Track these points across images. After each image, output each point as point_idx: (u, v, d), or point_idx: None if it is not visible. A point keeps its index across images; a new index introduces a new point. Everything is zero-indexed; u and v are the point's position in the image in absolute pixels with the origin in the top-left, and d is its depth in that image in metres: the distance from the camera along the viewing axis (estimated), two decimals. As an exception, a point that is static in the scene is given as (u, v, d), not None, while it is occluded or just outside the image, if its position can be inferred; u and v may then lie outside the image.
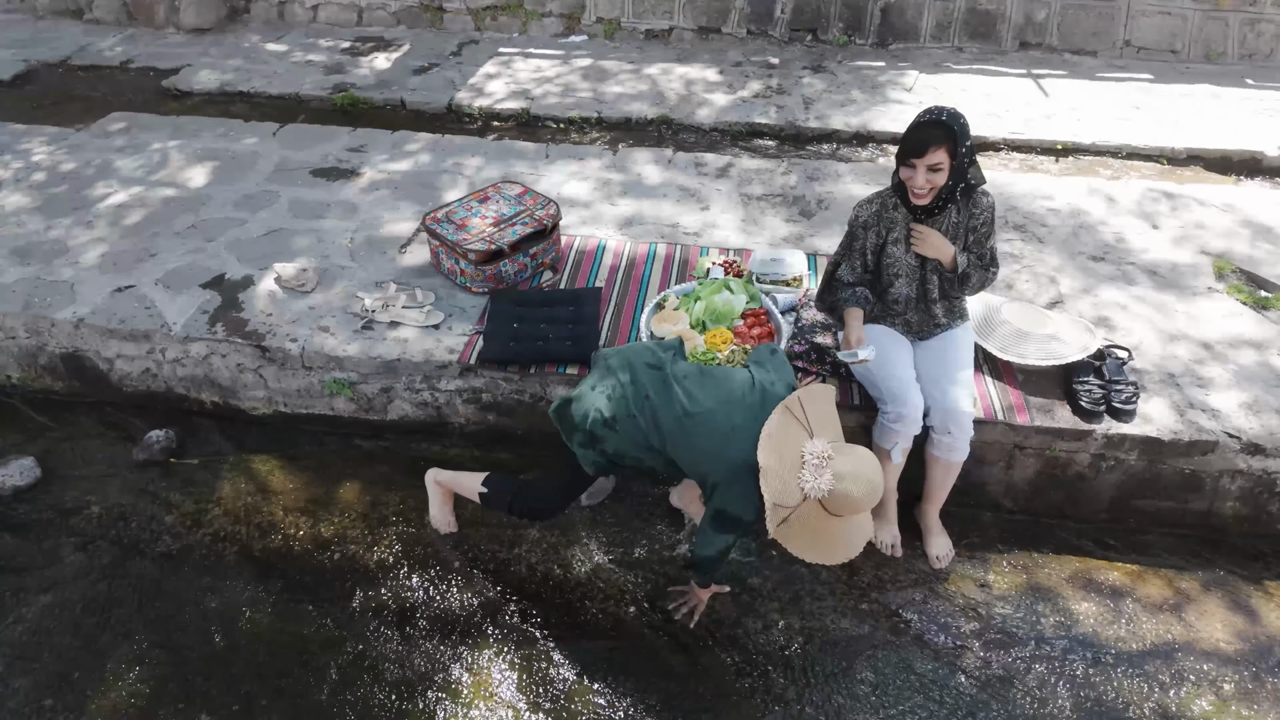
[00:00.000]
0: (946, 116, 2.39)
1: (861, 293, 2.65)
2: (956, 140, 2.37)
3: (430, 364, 3.01)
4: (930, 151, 2.38)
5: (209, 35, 6.12)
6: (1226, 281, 3.40)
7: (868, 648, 2.54)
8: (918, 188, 2.44)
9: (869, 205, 2.63)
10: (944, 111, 2.40)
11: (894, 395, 2.59)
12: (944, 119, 2.38)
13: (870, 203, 2.63)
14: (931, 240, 2.54)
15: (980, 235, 2.58)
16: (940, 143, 2.37)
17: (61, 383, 3.39)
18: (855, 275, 2.67)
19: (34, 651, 2.53)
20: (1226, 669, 2.48)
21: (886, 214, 2.60)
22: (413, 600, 2.67)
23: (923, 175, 2.41)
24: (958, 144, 2.38)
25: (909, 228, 2.57)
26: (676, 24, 5.97)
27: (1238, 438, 2.69)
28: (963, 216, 2.56)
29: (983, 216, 2.55)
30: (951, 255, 2.54)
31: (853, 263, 2.68)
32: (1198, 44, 5.63)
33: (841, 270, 2.69)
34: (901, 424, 2.59)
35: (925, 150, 2.38)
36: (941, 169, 2.40)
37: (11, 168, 4.23)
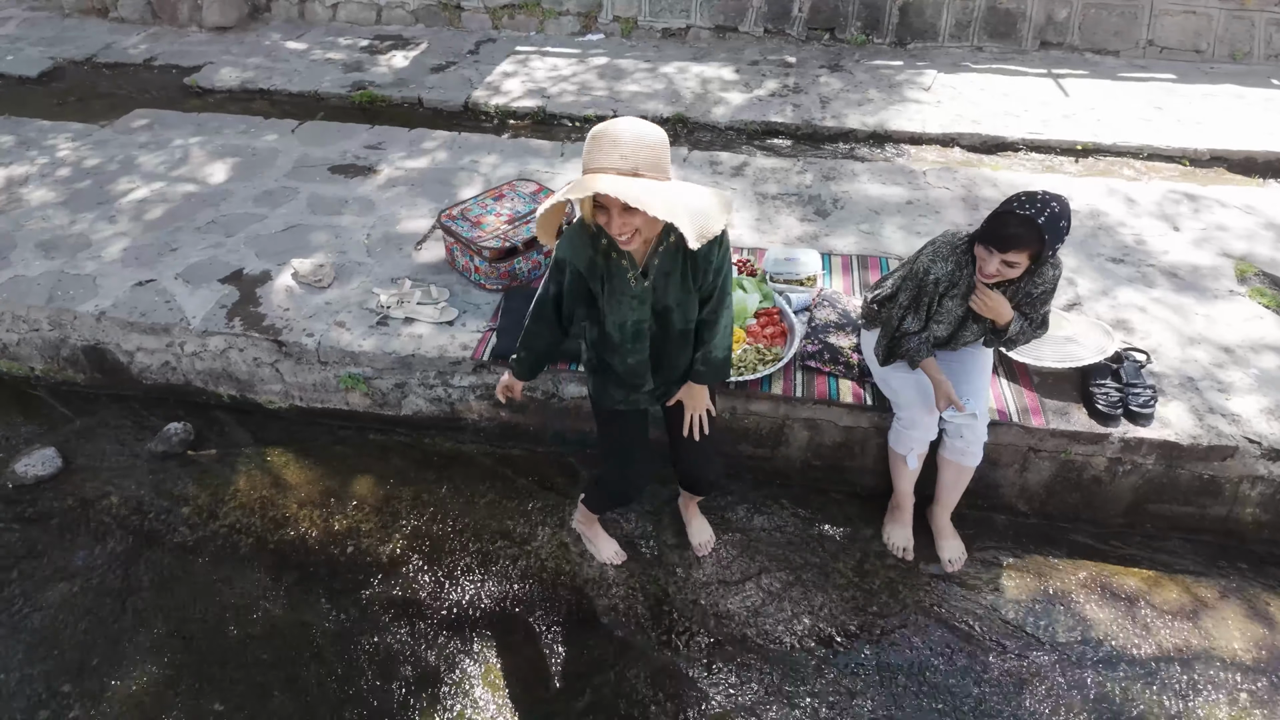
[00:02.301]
0: (1045, 219, 2.17)
1: (927, 337, 2.51)
2: (1043, 247, 2.20)
3: (444, 360, 3.03)
4: (1012, 251, 2.22)
5: (231, 34, 6.19)
6: (1248, 284, 3.35)
7: (878, 650, 2.53)
8: (988, 275, 2.30)
9: (944, 263, 2.42)
10: (1046, 210, 2.18)
11: (909, 402, 2.58)
12: (1041, 222, 2.17)
13: (945, 260, 2.42)
14: (994, 305, 2.39)
15: (1037, 300, 2.43)
16: (1026, 246, 2.21)
17: (83, 374, 3.45)
18: (920, 325, 2.51)
19: (52, 638, 2.58)
20: (1244, 677, 2.45)
21: (959, 272, 2.41)
22: (424, 594, 2.69)
23: (995, 264, 2.26)
24: (1044, 249, 2.21)
25: (973, 286, 2.42)
26: (693, 23, 5.97)
27: (1258, 443, 2.65)
28: (1026, 283, 2.39)
29: (1044, 285, 2.39)
30: (1008, 319, 2.42)
31: (919, 315, 2.49)
32: (1223, 44, 5.54)
33: (908, 323, 2.51)
34: (915, 430, 2.57)
35: (1008, 248, 2.22)
36: (1017, 267, 2.25)
37: (38, 163, 4.30)
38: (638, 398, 2.29)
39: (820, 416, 2.86)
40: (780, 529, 2.87)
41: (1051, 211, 2.19)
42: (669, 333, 2.17)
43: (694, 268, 2.06)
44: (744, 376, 2.79)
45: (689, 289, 2.09)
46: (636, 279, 2.07)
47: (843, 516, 2.91)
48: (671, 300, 2.10)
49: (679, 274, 2.06)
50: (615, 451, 2.42)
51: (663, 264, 2.05)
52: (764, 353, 2.89)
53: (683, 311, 2.13)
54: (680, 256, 2.05)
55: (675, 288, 2.08)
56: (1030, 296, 2.42)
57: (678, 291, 2.09)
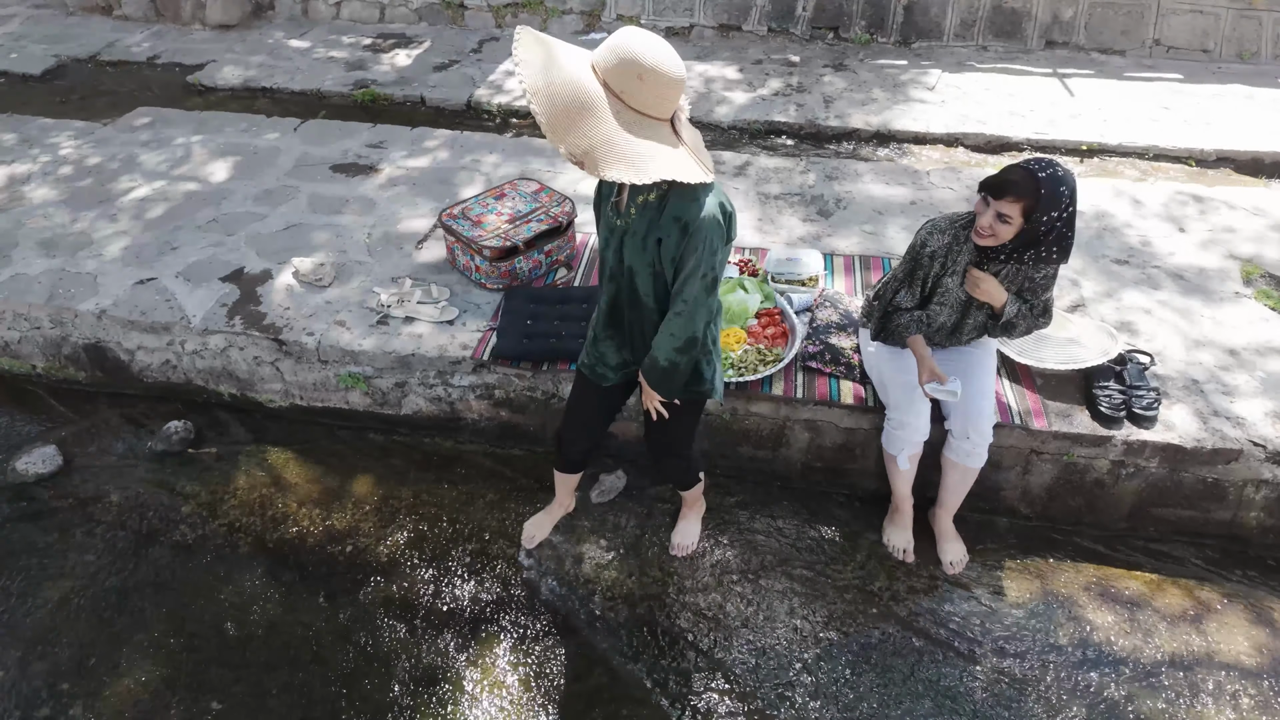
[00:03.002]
0: (1045, 174, 2.15)
1: (920, 315, 2.50)
2: (1038, 203, 2.15)
3: (444, 360, 3.02)
4: (1004, 199, 2.19)
5: (234, 32, 6.19)
6: (1255, 286, 3.33)
7: (879, 653, 2.51)
8: (981, 227, 2.27)
9: (941, 235, 2.41)
10: (1050, 169, 2.16)
11: (898, 402, 2.56)
12: (1040, 175, 2.14)
13: (944, 232, 2.41)
14: (985, 286, 2.39)
15: (1037, 287, 2.41)
16: (1018, 196, 2.16)
17: (84, 373, 3.45)
18: (915, 301, 2.50)
19: (52, 637, 2.58)
20: (1247, 682, 2.43)
21: (956, 246, 2.41)
22: (423, 594, 2.69)
23: (989, 217, 2.24)
24: (1038, 207, 2.16)
25: (968, 267, 2.42)
26: (697, 21, 5.95)
27: (1263, 446, 2.63)
28: (1026, 268, 2.38)
29: (1043, 275, 2.38)
30: (1003, 302, 2.40)
31: (914, 290, 2.49)
32: (1230, 43, 5.50)
33: (902, 297, 2.50)
34: (905, 431, 2.56)
35: (1001, 193, 2.19)
36: (1010, 223, 2.21)
37: (40, 161, 4.30)
38: (604, 371, 2.26)
39: (821, 418, 2.84)
40: (781, 531, 2.86)
41: (1054, 173, 2.16)
42: (635, 299, 2.08)
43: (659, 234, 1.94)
44: (745, 377, 2.78)
45: (648, 257, 1.98)
46: (614, 208, 2.04)
47: (843, 519, 2.89)
48: (630, 257, 2.02)
49: (643, 233, 1.96)
50: (566, 409, 2.51)
51: (638, 211, 1.97)
52: (765, 353, 2.88)
53: (645, 280, 2.02)
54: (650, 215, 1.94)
55: (636, 246, 1.99)
56: (1032, 281, 2.40)
57: (638, 251, 1.99)
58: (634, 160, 1.72)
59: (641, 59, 1.71)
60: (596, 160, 1.72)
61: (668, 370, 2.08)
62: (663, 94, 1.75)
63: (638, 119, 1.76)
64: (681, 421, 2.32)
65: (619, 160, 1.72)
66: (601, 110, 1.73)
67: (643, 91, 1.74)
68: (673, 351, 2.04)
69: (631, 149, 1.73)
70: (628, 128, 1.74)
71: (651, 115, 1.77)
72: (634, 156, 1.73)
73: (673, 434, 2.36)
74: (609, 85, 1.75)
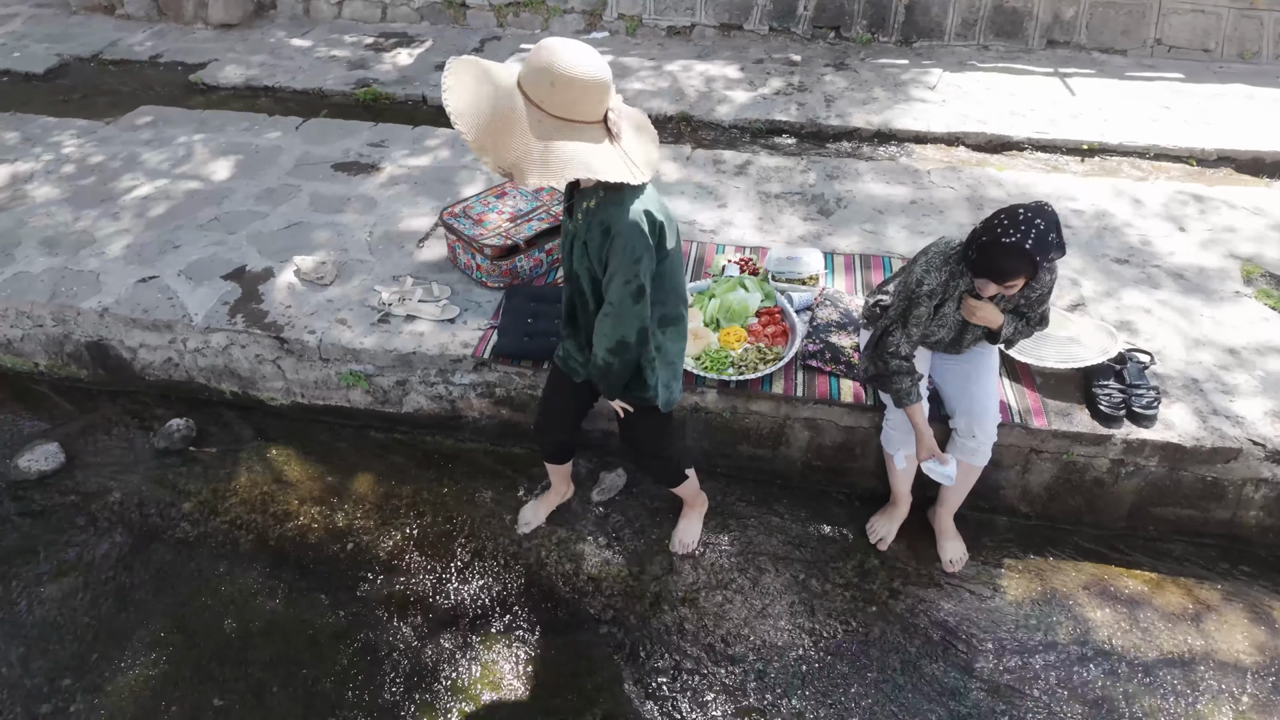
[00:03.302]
0: (1033, 242, 2.10)
1: (920, 378, 2.45)
2: (1037, 269, 2.17)
3: (445, 358, 3.03)
4: (1008, 281, 2.20)
5: (236, 31, 6.20)
6: (1255, 286, 3.33)
7: (879, 651, 2.52)
8: (986, 294, 2.29)
9: (937, 274, 2.37)
10: (1032, 231, 2.11)
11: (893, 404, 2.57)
12: (1029, 246, 2.10)
13: (939, 270, 2.38)
14: (982, 313, 2.38)
15: (1035, 302, 2.41)
16: (1021, 274, 2.18)
17: (86, 371, 3.46)
18: (911, 346, 2.44)
19: (53, 633, 2.59)
20: (1246, 681, 2.43)
21: (953, 281, 2.39)
22: (423, 592, 2.69)
23: (993, 289, 2.25)
24: (1038, 271, 2.19)
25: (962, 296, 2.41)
26: (698, 21, 5.95)
27: (1262, 445, 2.63)
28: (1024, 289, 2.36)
29: (1040, 290, 2.37)
30: (999, 324, 2.40)
31: (909, 332, 2.42)
32: (1231, 43, 5.50)
33: (898, 341, 2.42)
34: (902, 432, 2.56)
35: (1004, 279, 2.19)
36: (1014, 287, 2.23)
37: (42, 160, 4.31)
38: (574, 365, 2.29)
39: (821, 417, 2.85)
40: (780, 530, 2.87)
41: (1038, 230, 2.12)
42: (584, 301, 2.12)
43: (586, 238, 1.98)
44: (745, 376, 2.79)
45: (586, 262, 2.02)
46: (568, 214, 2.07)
47: (843, 518, 2.90)
48: (576, 261, 2.05)
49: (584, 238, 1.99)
50: (540, 400, 2.58)
51: (583, 217, 2.00)
52: (765, 352, 2.88)
53: (587, 284, 2.06)
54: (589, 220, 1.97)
55: (580, 251, 2.02)
56: (1028, 300, 2.40)
57: (581, 256, 2.03)
58: (552, 164, 1.77)
59: (551, 66, 1.75)
60: (521, 170, 1.77)
61: (603, 369, 2.11)
62: (577, 98, 1.78)
63: (559, 124, 1.79)
64: (640, 424, 2.34)
65: (539, 166, 1.76)
66: (521, 121, 1.78)
67: (557, 97, 1.77)
68: (605, 351, 2.07)
69: (551, 154, 1.77)
70: (548, 135, 1.78)
71: (575, 120, 1.80)
72: (553, 161, 1.77)
73: (638, 434, 2.40)
74: (529, 96, 1.79)
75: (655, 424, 2.38)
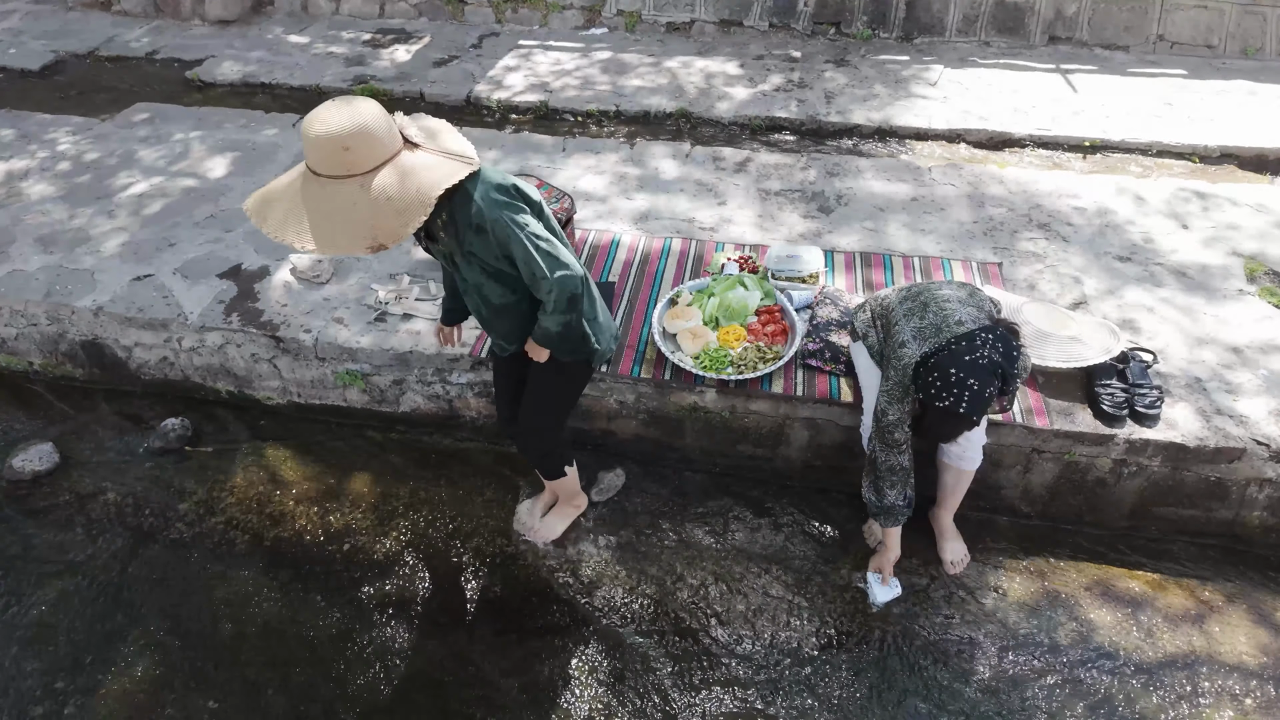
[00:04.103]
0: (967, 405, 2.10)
1: (910, 498, 2.43)
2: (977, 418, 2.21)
3: (442, 357, 3.00)
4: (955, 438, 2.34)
5: (233, 27, 6.17)
6: (1258, 284, 3.30)
7: (878, 651, 2.50)
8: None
9: (899, 405, 2.33)
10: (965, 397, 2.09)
11: (869, 408, 2.54)
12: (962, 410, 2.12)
13: (901, 402, 2.32)
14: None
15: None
16: (965, 430, 2.28)
17: (81, 370, 3.44)
18: (906, 434, 2.34)
19: (47, 634, 2.57)
20: (1249, 683, 2.41)
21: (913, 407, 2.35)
22: (420, 592, 2.68)
23: None
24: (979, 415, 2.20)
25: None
26: (698, 17, 5.91)
27: (1266, 445, 2.61)
28: None
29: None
30: None
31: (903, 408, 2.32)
32: (1235, 39, 5.46)
33: (894, 423, 2.31)
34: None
35: (950, 440, 2.36)
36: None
37: (38, 157, 4.29)
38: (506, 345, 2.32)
39: (821, 416, 2.82)
40: (780, 529, 2.85)
41: (971, 391, 2.09)
42: (496, 307, 2.15)
43: (468, 246, 1.99)
44: (744, 375, 2.76)
45: (476, 268, 2.03)
46: (427, 237, 2.08)
47: (843, 517, 2.88)
48: (468, 274, 2.07)
49: (461, 250, 2.00)
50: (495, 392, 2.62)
51: (445, 234, 2.01)
52: (764, 351, 2.86)
53: (493, 288, 2.08)
54: (452, 233, 1.99)
55: (465, 264, 2.04)
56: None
57: (469, 267, 2.04)
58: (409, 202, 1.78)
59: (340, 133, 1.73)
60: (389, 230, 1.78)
61: (562, 334, 2.12)
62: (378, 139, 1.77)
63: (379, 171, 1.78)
64: (555, 380, 2.34)
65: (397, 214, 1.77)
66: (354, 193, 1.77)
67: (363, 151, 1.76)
68: (558, 318, 2.07)
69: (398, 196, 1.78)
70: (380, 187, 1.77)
71: (385, 158, 1.79)
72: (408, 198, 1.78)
73: (543, 392, 2.37)
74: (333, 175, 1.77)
75: (566, 384, 2.39)
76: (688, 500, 2.94)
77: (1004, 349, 2.13)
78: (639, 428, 3.00)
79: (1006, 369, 2.13)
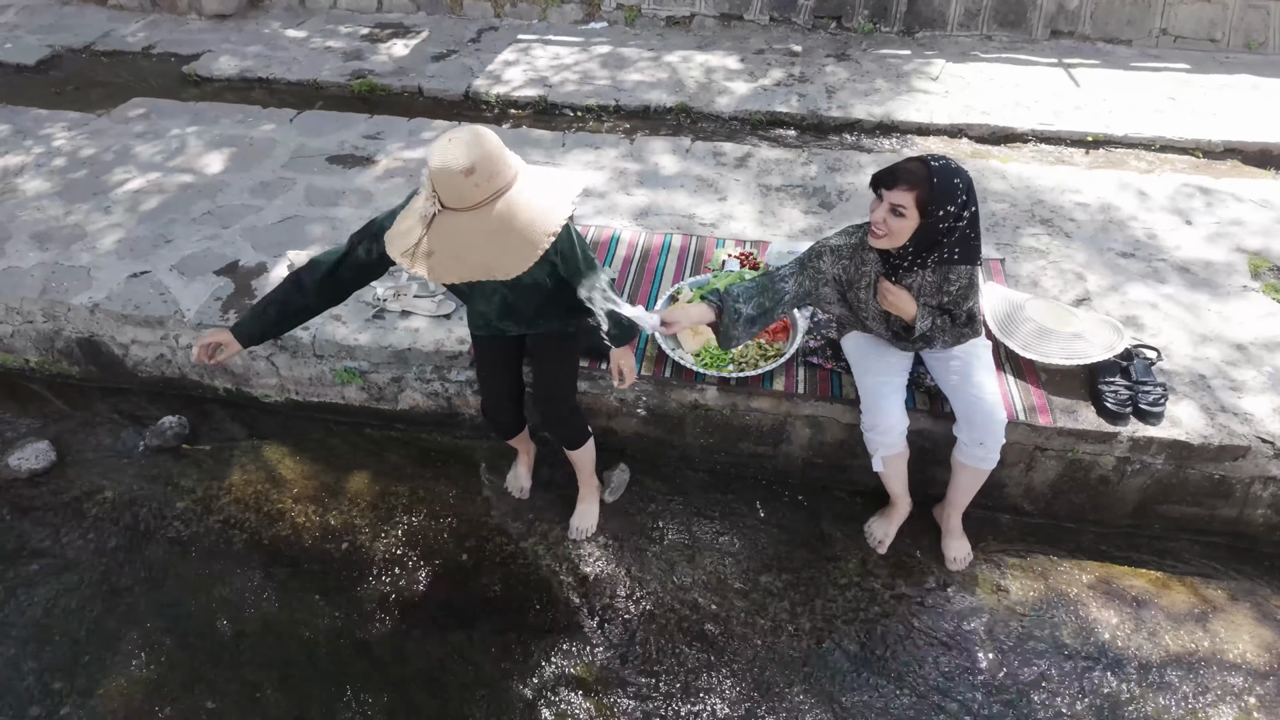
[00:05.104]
0: (938, 164, 2.07)
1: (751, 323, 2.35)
2: (930, 193, 2.06)
3: (441, 354, 2.98)
4: (897, 189, 2.09)
5: (230, 21, 6.13)
6: (1262, 280, 3.28)
7: (880, 650, 2.49)
8: (875, 223, 2.16)
9: (849, 235, 2.35)
10: (943, 161, 2.09)
11: (865, 405, 2.51)
12: (932, 163, 2.07)
13: (851, 234, 2.36)
14: (893, 298, 2.29)
15: (956, 298, 2.31)
16: (911, 185, 2.07)
17: (77, 367, 3.42)
18: (794, 298, 2.35)
19: (44, 634, 2.56)
20: (1253, 682, 2.40)
21: (860, 253, 2.32)
22: (420, 591, 2.66)
23: (883, 212, 2.13)
24: (931, 199, 2.07)
25: (877, 278, 2.31)
26: (698, 10, 5.88)
27: (1271, 443, 2.59)
28: (938, 276, 2.28)
29: (957, 284, 2.28)
30: (912, 315, 2.30)
31: (800, 281, 2.35)
32: (1238, 33, 5.43)
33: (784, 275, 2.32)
34: (876, 434, 2.49)
35: (893, 183, 2.10)
36: (905, 215, 2.10)
37: (33, 153, 4.26)
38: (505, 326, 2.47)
39: (822, 414, 2.80)
40: (781, 527, 2.83)
41: (948, 165, 2.10)
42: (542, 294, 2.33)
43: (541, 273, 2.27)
44: (745, 373, 2.74)
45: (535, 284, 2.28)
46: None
47: (845, 515, 2.86)
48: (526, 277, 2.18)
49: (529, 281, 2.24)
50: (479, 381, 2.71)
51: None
52: (766, 348, 2.84)
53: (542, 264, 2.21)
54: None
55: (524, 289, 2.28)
56: (950, 295, 2.31)
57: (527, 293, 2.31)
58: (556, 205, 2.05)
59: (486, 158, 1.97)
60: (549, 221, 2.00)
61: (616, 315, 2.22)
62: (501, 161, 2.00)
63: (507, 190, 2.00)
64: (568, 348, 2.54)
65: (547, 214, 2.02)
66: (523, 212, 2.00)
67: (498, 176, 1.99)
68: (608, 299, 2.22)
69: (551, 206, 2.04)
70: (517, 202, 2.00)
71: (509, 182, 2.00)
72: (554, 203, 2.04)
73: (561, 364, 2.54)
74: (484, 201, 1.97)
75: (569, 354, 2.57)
76: (688, 498, 2.93)
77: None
78: (639, 425, 2.98)
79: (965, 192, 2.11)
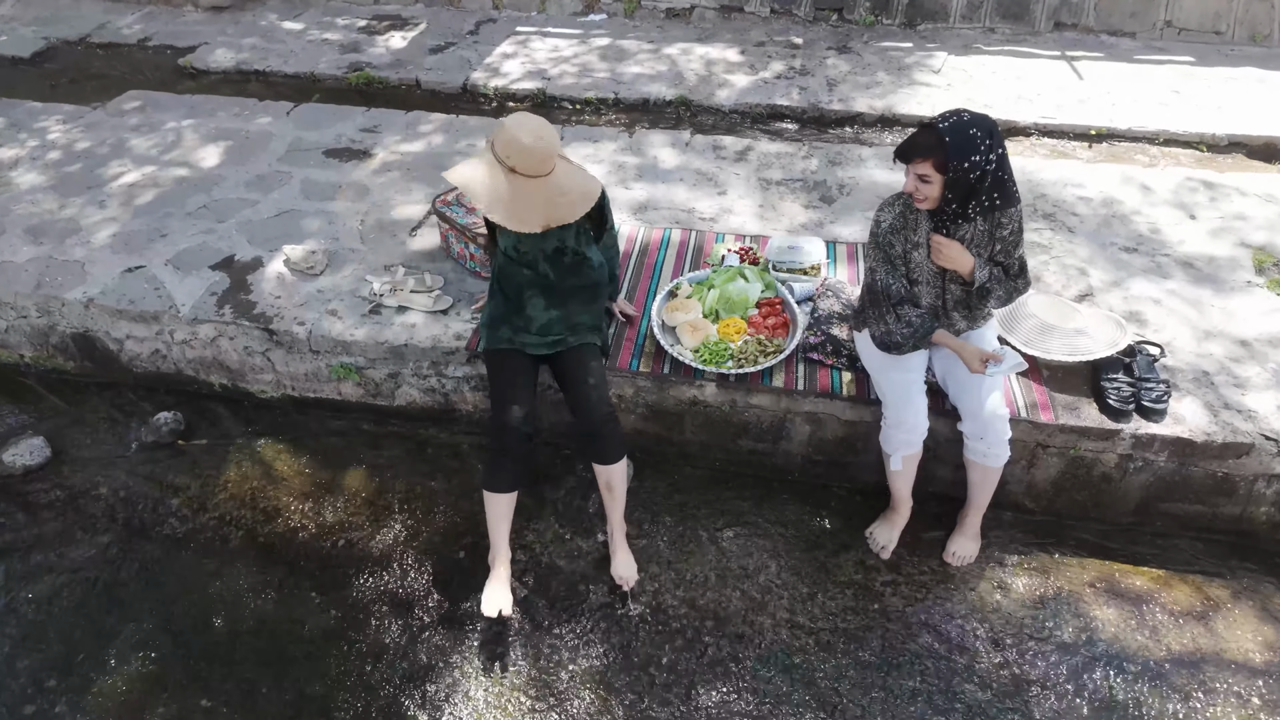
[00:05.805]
0: (947, 124, 2.14)
1: (927, 310, 2.40)
2: (948, 154, 2.12)
3: (438, 350, 2.96)
4: (916, 161, 2.18)
5: (227, 13, 6.08)
6: (1267, 275, 3.26)
7: (881, 648, 2.47)
8: (909, 191, 2.25)
9: (891, 208, 2.39)
10: (950, 119, 2.15)
11: (894, 401, 2.50)
12: (940, 126, 2.14)
13: (892, 205, 2.39)
14: (948, 251, 2.31)
15: (1008, 245, 2.35)
16: (927, 155, 2.15)
17: (72, 363, 3.39)
18: (904, 284, 2.39)
19: (39, 632, 2.54)
20: (1255, 680, 2.38)
21: (910, 214, 2.35)
22: (416, 588, 2.64)
23: (913, 182, 2.22)
24: (949, 160, 2.13)
25: (929, 236, 2.35)
26: (698, 2, 5.83)
27: (1275, 440, 2.57)
28: (988, 224, 2.31)
29: (1010, 228, 2.32)
30: (970, 268, 2.32)
31: (895, 273, 2.39)
32: (1243, 25, 5.38)
33: (890, 283, 2.39)
34: (901, 431, 2.49)
35: (910, 157, 2.19)
36: (930, 182, 2.19)
37: (28, 146, 4.23)
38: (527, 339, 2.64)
39: (822, 410, 2.78)
40: (781, 525, 2.81)
41: (958, 120, 2.14)
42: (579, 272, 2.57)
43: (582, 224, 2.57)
44: (745, 369, 2.72)
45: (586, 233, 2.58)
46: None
47: (845, 513, 2.84)
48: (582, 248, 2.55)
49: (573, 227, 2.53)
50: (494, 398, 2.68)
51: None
52: (765, 344, 2.82)
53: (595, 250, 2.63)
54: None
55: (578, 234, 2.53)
56: (1002, 242, 2.34)
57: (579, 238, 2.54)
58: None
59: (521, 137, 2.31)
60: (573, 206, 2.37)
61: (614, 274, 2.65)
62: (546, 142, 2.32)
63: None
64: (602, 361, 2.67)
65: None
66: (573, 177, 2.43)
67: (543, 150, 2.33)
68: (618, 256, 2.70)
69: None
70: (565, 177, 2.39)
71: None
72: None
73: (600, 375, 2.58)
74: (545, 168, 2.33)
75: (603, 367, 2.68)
76: (687, 495, 2.91)
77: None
78: (638, 422, 2.96)
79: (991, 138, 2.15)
